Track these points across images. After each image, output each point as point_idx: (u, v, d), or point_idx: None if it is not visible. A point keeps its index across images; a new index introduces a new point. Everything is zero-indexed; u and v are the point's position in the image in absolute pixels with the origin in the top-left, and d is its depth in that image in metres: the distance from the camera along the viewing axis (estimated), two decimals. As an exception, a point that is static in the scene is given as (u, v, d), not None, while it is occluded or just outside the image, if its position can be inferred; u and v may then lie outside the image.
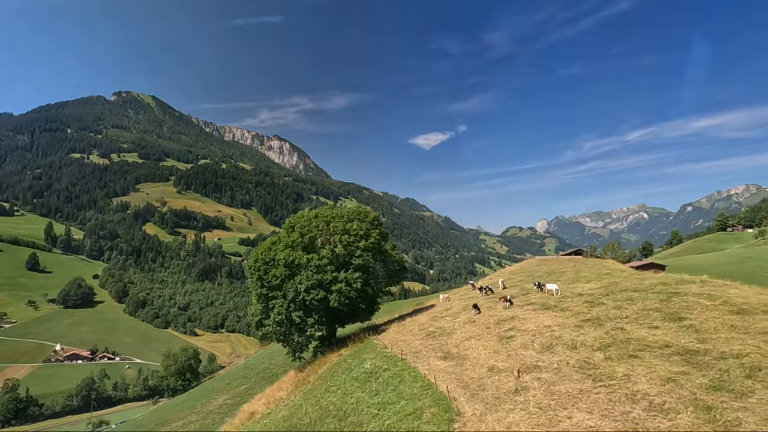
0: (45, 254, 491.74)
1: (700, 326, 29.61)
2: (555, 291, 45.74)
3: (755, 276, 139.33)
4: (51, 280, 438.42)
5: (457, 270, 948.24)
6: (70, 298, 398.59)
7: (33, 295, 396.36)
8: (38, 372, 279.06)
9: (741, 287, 39.26)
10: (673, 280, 43.67)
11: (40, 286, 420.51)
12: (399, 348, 40.09)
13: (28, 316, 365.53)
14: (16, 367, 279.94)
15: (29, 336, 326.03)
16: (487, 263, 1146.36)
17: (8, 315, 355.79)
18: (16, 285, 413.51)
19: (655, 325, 30.85)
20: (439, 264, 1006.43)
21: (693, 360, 24.81)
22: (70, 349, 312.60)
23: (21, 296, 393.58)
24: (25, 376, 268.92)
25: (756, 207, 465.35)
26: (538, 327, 34.41)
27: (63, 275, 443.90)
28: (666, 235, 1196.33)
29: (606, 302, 37.88)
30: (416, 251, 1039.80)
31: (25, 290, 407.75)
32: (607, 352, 27.35)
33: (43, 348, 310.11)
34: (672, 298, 36.02)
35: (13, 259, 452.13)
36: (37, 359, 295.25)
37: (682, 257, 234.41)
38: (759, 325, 28.91)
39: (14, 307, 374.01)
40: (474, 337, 36.80)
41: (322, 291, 50.48)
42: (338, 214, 59.49)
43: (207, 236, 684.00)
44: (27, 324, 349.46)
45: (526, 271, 79.70)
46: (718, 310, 32.41)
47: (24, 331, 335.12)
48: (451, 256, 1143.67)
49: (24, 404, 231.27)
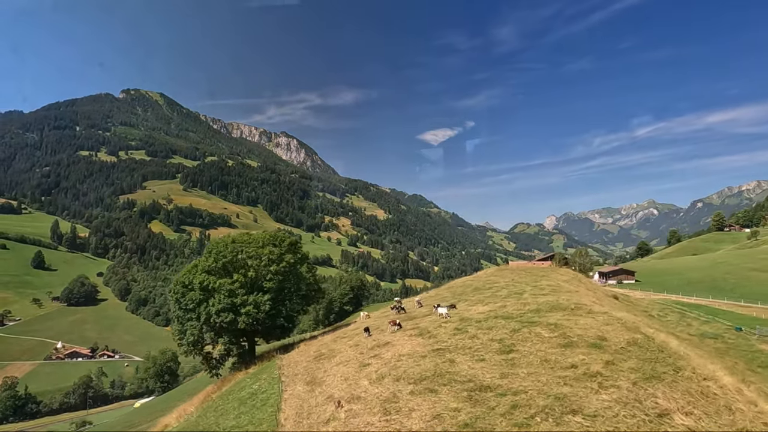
0: (51, 252, 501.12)
1: (518, 360, 32.92)
2: (445, 315, 49.06)
3: (720, 282, 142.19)
4: (56, 277, 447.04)
5: (462, 267, 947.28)
6: (74, 296, 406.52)
7: (38, 293, 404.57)
8: (38, 369, 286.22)
9: (598, 316, 42.62)
10: (547, 306, 46.97)
11: (45, 283, 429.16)
12: (287, 370, 43.76)
13: (32, 313, 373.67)
14: (17, 365, 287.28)
15: (32, 333, 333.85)
16: (494, 260, 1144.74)
17: (12, 313, 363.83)
18: (22, 283, 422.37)
19: (483, 357, 34.17)
20: (445, 261, 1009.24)
21: (477, 396, 28.10)
22: (71, 347, 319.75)
23: (26, 294, 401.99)
24: (26, 373, 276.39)
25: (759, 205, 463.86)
26: (393, 356, 37.66)
27: (68, 273, 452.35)
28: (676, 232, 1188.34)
29: (470, 330, 41.14)
30: (422, 248, 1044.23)
31: (31, 288, 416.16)
32: (419, 385, 30.61)
33: (44, 346, 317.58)
34: (524, 327, 39.28)
35: (19, 257, 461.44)
36: (38, 357, 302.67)
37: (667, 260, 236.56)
38: (568, 360, 32.27)
39: (19, 304, 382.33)
40: (344, 362, 40.20)
41: (232, 314, 54.55)
42: (254, 239, 63.39)
43: (212, 234, 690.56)
44: (30, 322, 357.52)
45: (466, 285, 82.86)
46: (549, 342, 35.70)
47: (27, 328, 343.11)
48: (457, 252, 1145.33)
49: (23, 402, 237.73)
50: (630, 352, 35.21)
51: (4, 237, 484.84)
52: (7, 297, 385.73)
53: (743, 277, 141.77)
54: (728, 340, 74.27)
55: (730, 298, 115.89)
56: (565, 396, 27.73)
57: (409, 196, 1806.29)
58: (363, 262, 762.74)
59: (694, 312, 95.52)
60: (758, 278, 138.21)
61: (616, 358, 33.87)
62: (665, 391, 30.80)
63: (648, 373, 32.22)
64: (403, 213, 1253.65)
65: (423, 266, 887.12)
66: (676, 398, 30.07)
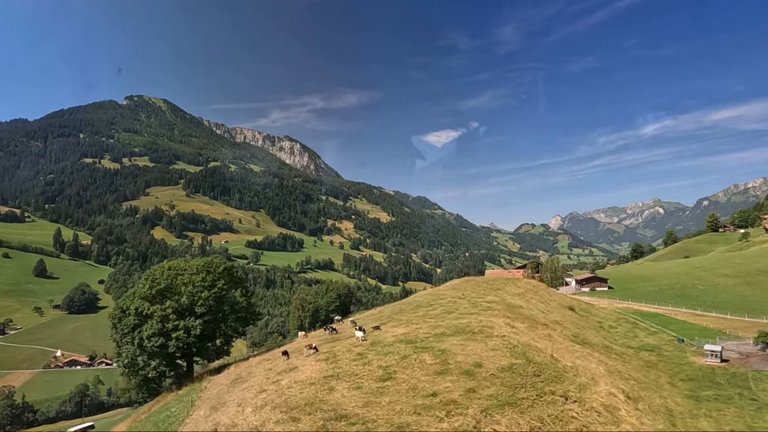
0: (53, 260, 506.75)
1: (389, 388, 35.72)
2: (361, 338, 52.00)
3: (689, 289, 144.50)
4: (58, 285, 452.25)
5: (465, 269, 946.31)
6: (74, 304, 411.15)
7: (39, 301, 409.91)
8: (37, 378, 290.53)
9: (492, 340, 45.58)
10: (454, 329, 49.93)
11: (46, 291, 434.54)
12: (206, 393, 46.88)
13: (33, 322, 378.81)
14: (17, 374, 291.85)
15: (32, 342, 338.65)
16: (497, 261, 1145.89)
17: (14, 321, 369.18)
18: (24, 291, 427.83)
19: (361, 385, 37.00)
20: (448, 263, 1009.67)
21: (329, 425, 30.44)
22: (70, 355, 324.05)
23: (28, 302, 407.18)
24: (25, 382, 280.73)
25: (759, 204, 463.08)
26: (289, 382, 40.29)
27: (70, 281, 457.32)
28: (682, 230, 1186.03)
29: (369, 355, 43.89)
30: (425, 250, 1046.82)
31: (33, 296, 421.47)
32: (288, 414, 32.83)
33: (44, 354, 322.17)
34: (414, 353, 42.10)
35: (22, 265, 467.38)
36: (37, 365, 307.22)
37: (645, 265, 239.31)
38: (434, 387, 35.07)
39: (21, 313, 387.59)
40: (249, 387, 42.94)
41: (163, 338, 57.89)
42: (189, 266, 66.75)
43: (214, 239, 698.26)
44: (31, 330, 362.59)
45: (412, 302, 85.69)
46: (427, 369, 38.60)
47: (28, 337, 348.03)
48: (461, 254, 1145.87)
49: (20, 410, 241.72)
50: (499, 378, 38.03)
51: (7, 246, 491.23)
52: (9, 305, 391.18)
53: (712, 284, 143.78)
54: (664, 352, 76.68)
55: (690, 307, 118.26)
56: (408, 425, 30.65)
57: (413, 198, 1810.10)
58: (365, 265, 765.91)
59: (647, 322, 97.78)
60: (725, 285, 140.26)
61: (481, 384, 36.74)
62: (513, 417, 33.71)
63: (504, 400, 35.05)
64: (407, 215, 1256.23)
65: (425, 268, 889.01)
66: (521, 424, 33.03)
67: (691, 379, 64.51)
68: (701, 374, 66.45)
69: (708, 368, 68.55)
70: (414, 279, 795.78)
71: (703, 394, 58.99)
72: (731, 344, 78.55)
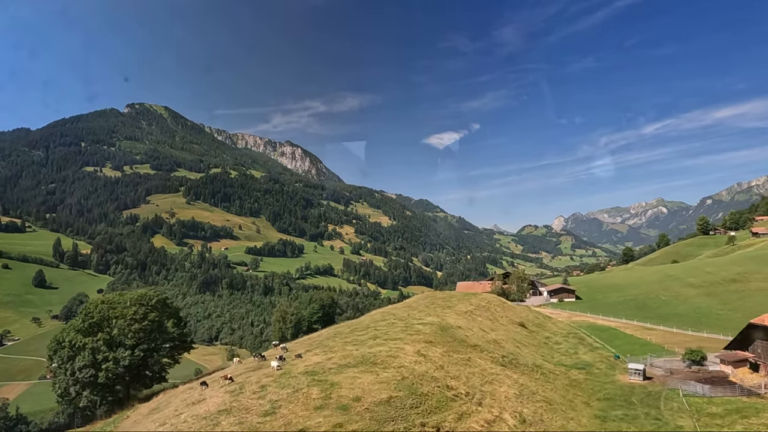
0: (52, 270, 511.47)
1: (267, 423, 39.11)
2: (275, 368, 55.17)
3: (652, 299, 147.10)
4: (57, 296, 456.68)
5: (467, 272, 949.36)
6: (72, 314, 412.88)
7: (38, 312, 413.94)
8: (32, 389, 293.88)
9: (387, 371, 48.92)
10: (359, 359, 53.30)
11: (45, 302, 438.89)
12: (127, 421, 50.38)
13: (31, 333, 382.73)
14: (12, 385, 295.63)
15: (29, 353, 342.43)
16: (500, 264, 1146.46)
17: (12, 332, 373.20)
18: (23, 302, 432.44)
19: (245, 420, 40.04)
20: (450, 266, 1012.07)
21: None
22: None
23: (27, 313, 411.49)
24: (21, 393, 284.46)
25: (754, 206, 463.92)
26: (189, 416, 42.72)
27: (69, 291, 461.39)
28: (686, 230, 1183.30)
29: (270, 387, 46.84)
30: (426, 254, 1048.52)
31: (32, 307, 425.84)
32: None
33: (40, 365, 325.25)
34: (307, 386, 45.46)
35: (21, 275, 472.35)
36: (33, 376, 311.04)
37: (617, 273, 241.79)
38: (307, 422, 38.31)
39: (19, 324, 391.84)
40: (157, 420, 45.97)
41: (93, 369, 61.59)
42: (123, 300, 70.45)
43: (214, 246, 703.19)
44: (29, 341, 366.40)
45: (355, 324, 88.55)
46: (310, 404, 41.63)
47: (25, 348, 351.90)
48: (463, 257, 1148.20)
49: (14, 422, 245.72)
50: (371, 413, 41.26)
51: (7, 257, 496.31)
52: (8, 317, 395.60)
53: (675, 293, 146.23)
54: (595, 370, 79.65)
55: (644, 319, 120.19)
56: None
57: (415, 202, 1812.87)
58: (365, 270, 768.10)
59: (593, 337, 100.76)
60: (686, 295, 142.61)
61: (351, 419, 39.95)
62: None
63: (365, 436, 38.40)
64: (408, 219, 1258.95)
65: (426, 272, 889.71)
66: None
67: (608, 399, 67.20)
68: (620, 393, 69.19)
69: (628, 387, 71.39)
70: (414, 283, 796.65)
71: (612, 414, 61.63)
72: (660, 361, 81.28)
